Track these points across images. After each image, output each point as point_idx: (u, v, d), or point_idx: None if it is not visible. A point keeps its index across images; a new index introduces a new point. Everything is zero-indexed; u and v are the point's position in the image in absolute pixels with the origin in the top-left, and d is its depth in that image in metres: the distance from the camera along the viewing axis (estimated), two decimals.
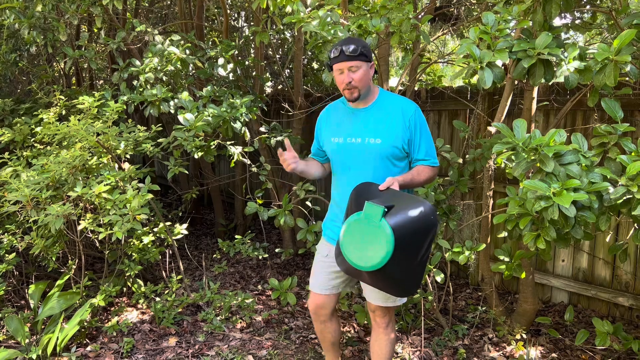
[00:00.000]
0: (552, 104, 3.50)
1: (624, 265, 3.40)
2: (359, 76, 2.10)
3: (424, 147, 2.19)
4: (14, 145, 3.85)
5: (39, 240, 3.07)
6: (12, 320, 3.03)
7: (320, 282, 2.38)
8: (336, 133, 2.26)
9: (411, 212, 1.85)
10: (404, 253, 1.83)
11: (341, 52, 2.07)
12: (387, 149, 2.14)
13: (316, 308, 2.42)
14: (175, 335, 3.27)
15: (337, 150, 2.25)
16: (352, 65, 2.08)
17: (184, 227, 3.61)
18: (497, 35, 2.17)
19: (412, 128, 2.16)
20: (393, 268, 1.83)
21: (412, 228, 1.83)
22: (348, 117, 2.25)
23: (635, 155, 1.86)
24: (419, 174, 2.17)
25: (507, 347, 3.11)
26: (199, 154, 3.23)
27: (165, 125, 5.39)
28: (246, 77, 4.30)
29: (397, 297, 2.19)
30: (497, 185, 3.53)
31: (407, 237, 1.81)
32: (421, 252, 1.90)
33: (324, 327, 2.47)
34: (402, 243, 1.80)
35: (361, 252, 1.85)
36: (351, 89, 2.12)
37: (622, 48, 1.93)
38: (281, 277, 4.37)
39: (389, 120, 2.16)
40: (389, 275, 1.87)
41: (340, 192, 2.28)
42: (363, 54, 2.09)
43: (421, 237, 1.88)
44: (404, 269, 1.88)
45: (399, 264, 1.84)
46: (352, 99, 2.15)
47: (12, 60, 4.77)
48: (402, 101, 2.20)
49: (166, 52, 3.58)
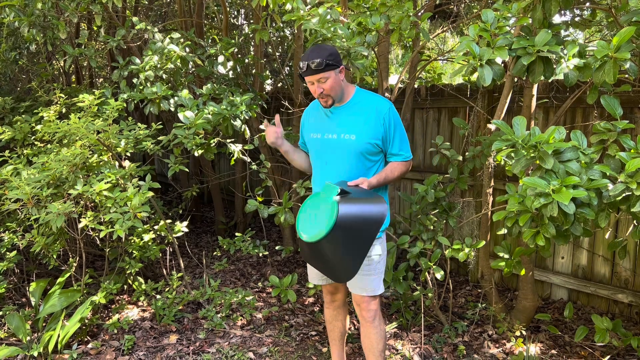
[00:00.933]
0: (552, 101, 3.50)
1: (623, 262, 3.40)
2: (329, 85, 2.21)
3: (397, 142, 2.31)
4: (14, 144, 3.86)
5: (40, 238, 3.07)
6: (14, 317, 3.04)
7: (316, 274, 2.51)
8: (315, 129, 2.40)
9: (364, 202, 2.02)
10: (345, 236, 1.97)
11: (307, 67, 2.17)
12: (361, 145, 2.24)
13: (331, 295, 2.57)
14: (175, 332, 3.28)
15: (316, 146, 2.38)
16: (320, 77, 2.18)
17: (184, 224, 3.62)
18: (496, 33, 2.17)
19: (387, 125, 2.26)
20: (331, 245, 1.97)
21: (360, 215, 1.98)
22: (326, 115, 2.36)
23: (635, 152, 1.86)
24: (392, 171, 2.31)
25: (507, 343, 3.12)
26: (199, 151, 3.23)
27: (166, 123, 5.39)
28: (246, 75, 4.30)
29: (337, 281, 2.21)
30: (496, 183, 3.53)
31: (352, 221, 1.96)
32: (362, 244, 2.01)
33: (337, 314, 2.60)
34: (346, 224, 1.94)
35: (309, 225, 2.02)
36: (324, 98, 2.24)
37: (622, 45, 1.93)
38: (281, 274, 4.38)
39: (363, 118, 2.26)
40: (327, 252, 2.01)
41: (319, 186, 2.40)
42: (328, 64, 2.17)
43: (366, 227, 2.00)
44: (340, 251, 2.01)
45: (338, 245, 1.97)
46: (327, 106, 2.28)
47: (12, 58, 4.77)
48: (376, 99, 2.30)
49: (166, 50, 3.58)
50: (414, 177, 4.41)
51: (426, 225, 3.14)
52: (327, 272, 2.13)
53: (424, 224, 3.15)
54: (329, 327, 2.64)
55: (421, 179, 4.28)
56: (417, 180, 4.34)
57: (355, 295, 2.38)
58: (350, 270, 2.03)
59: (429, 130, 4.38)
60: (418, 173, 4.39)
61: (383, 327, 2.42)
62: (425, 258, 3.07)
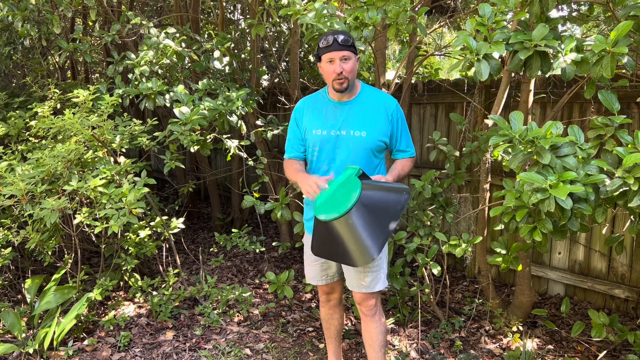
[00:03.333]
0: (549, 96, 3.49)
1: (620, 257, 3.41)
2: (350, 66, 2.12)
3: (404, 139, 2.31)
4: (8, 139, 3.83)
5: (35, 235, 3.06)
6: (9, 314, 3.03)
7: (315, 275, 2.48)
8: (318, 125, 2.25)
9: (386, 184, 2.02)
10: (368, 215, 1.91)
11: (334, 40, 2.07)
12: (371, 142, 2.20)
13: (326, 295, 2.55)
14: (172, 329, 3.27)
15: (320, 143, 2.25)
16: (344, 55, 2.09)
17: (180, 221, 3.61)
18: (493, 27, 2.16)
19: (394, 122, 2.25)
20: (354, 223, 1.91)
21: (382, 195, 1.96)
22: (331, 110, 2.25)
23: (632, 147, 1.85)
24: (403, 168, 2.30)
25: (504, 339, 3.12)
26: (195, 147, 3.21)
27: (161, 118, 5.36)
28: (242, 70, 4.28)
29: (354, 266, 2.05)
30: (494, 178, 3.53)
31: (375, 199, 1.93)
32: (384, 224, 1.96)
33: (333, 312, 2.59)
34: (369, 202, 1.91)
35: (329, 205, 1.96)
36: (342, 80, 2.12)
37: (619, 40, 1.92)
38: (278, 270, 4.37)
39: (373, 114, 2.21)
40: (349, 230, 1.92)
41: None
42: (353, 45, 2.13)
43: (389, 207, 1.96)
44: (363, 231, 1.93)
45: (361, 222, 1.91)
46: (342, 90, 2.15)
47: (6, 53, 4.73)
48: (383, 96, 2.27)
49: (161, 45, 3.56)
50: (411, 172, 4.40)
51: (423, 221, 3.14)
52: (344, 257, 2.01)
53: (421, 220, 3.15)
54: (325, 325, 2.64)
55: (418, 175, 4.28)
56: (414, 176, 4.34)
57: (355, 294, 2.36)
58: (368, 254, 1.93)
59: (426, 126, 4.37)
60: (415, 168, 4.38)
61: (384, 322, 2.42)
62: (422, 254, 3.06)
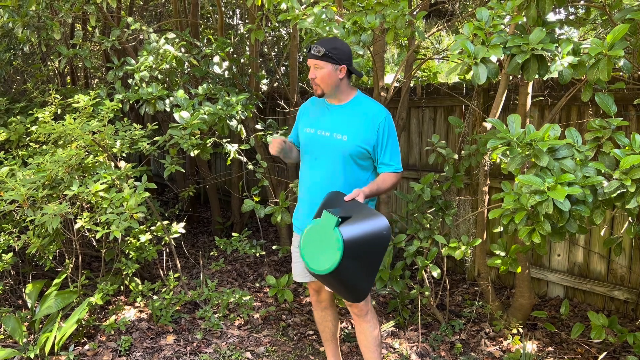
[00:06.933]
0: (547, 99, 3.51)
1: (619, 259, 3.42)
2: (321, 75, 2.24)
3: (389, 152, 2.32)
4: (9, 145, 3.84)
5: (36, 240, 3.06)
6: (10, 319, 3.03)
7: (300, 271, 2.53)
8: (310, 124, 2.42)
9: (366, 225, 1.98)
10: (355, 262, 1.96)
11: (309, 50, 2.24)
12: (351, 147, 2.26)
13: (317, 295, 2.58)
14: (173, 333, 3.27)
15: (308, 140, 2.40)
16: (316, 64, 2.23)
17: (181, 225, 3.61)
18: (491, 31, 2.18)
19: (380, 133, 2.28)
20: (343, 275, 1.95)
21: (364, 240, 1.96)
22: (323, 111, 2.39)
23: (629, 149, 1.87)
24: (384, 181, 2.31)
25: (504, 341, 3.13)
26: (195, 152, 3.23)
27: (161, 123, 5.37)
28: (242, 75, 4.30)
29: (348, 301, 2.23)
30: (492, 181, 3.54)
31: (359, 248, 1.95)
32: (371, 264, 2.04)
33: (325, 315, 2.61)
34: (353, 253, 1.92)
35: (316, 256, 1.97)
36: (315, 86, 2.29)
37: (616, 43, 1.94)
38: (278, 274, 4.38)
39: (358, 121, 2.28)
40: (340, 280, 2.00)
41: (306, 181, 2.43)
42: (326, 55, 2.21)
43: (373, 249, 2.01)
44: (353, 277, 2.01)
45: (350, 272, 1.96)
46: (317, 95, 2.32)
47: (7, 59, 4.75)
48: (374, 106, 2.33)
49: (161, 50, 3.57)
50: (410, 175, 4.41)
51: (422, 223, 3.15)
52: (341, 294, 2.14)
53: (421, 223, 3.16)
54: (319, 328, 2.67)
55: (417, 178, 4.29)
56: (413, 179, 4.35)
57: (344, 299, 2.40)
58: (362, 291, 2.06)
59: (424, 129, 4.39)
60: (414, 172, 4.40)
61: (376, 319, 2.45)
62: (422, 256, 3.07)
